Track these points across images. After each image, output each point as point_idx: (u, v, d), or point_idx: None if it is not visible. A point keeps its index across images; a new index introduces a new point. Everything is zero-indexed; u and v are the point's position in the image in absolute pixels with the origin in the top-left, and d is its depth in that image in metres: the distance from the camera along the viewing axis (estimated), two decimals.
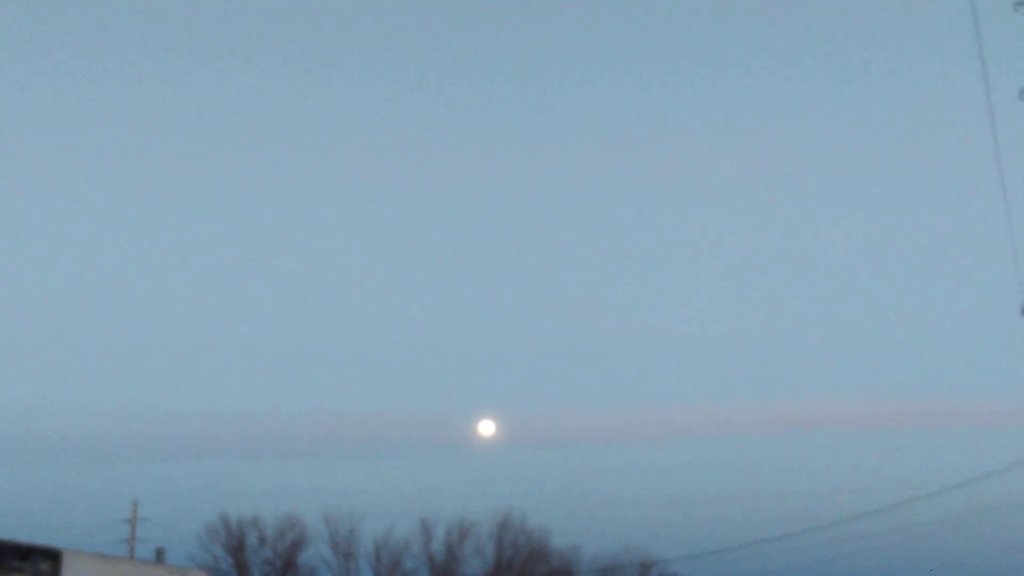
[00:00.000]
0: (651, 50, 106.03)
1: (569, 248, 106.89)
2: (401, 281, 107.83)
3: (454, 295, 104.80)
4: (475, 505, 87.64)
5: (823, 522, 74.33)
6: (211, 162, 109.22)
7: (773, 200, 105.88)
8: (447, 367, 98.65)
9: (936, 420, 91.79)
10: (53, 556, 40.91)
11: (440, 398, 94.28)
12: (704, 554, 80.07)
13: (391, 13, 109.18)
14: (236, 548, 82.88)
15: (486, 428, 78.86)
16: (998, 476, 67.39)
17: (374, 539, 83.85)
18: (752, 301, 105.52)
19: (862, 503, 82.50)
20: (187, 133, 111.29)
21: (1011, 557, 71.99)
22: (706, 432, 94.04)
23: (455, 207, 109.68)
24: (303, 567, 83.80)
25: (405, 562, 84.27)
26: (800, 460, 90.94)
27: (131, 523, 72.45)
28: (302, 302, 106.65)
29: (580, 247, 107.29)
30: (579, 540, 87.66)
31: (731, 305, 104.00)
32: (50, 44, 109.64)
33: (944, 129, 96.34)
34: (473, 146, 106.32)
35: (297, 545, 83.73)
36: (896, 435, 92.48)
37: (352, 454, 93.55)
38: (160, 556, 68.07)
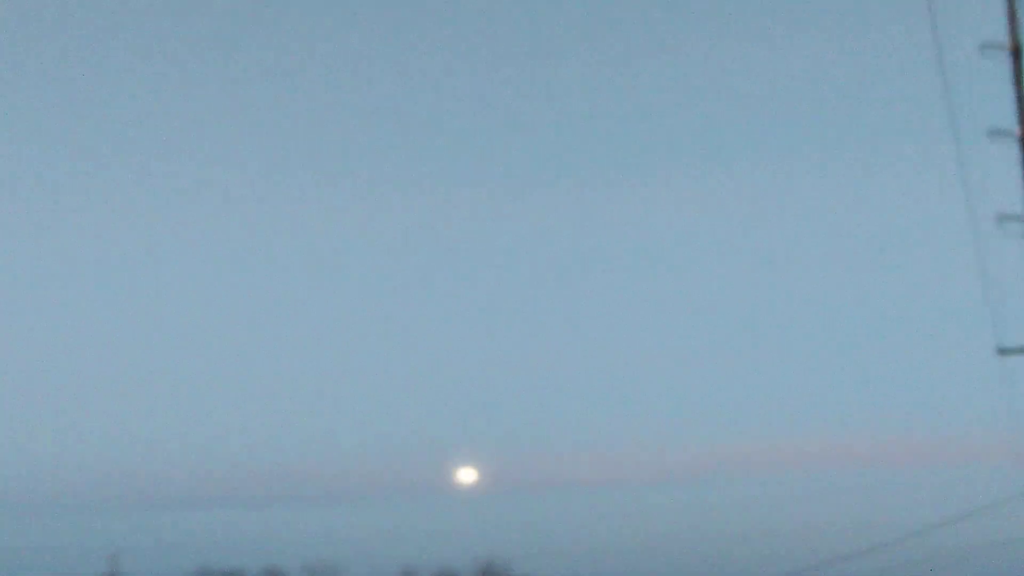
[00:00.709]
0: (627, 89, 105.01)
1: (549, 293, 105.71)
2: (379, 327, 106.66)
3: (433, 340, 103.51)
4: (458, 553, 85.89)
5: (824, 559, 72.00)
6: (196, 217, 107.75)
7: (751, 241, 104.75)
8: (426, 411, 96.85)
9: (949, 456, 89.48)
10: None
11: (420, 443, 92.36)
12: None
13: (388, 43, 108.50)
14: None
15: (467, 474, 77.06)
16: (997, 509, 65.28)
17: None
18: (747, 337, 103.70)
19: (866, 541, 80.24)
20: (169, 176, 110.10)
21: None
22: (702, 472, 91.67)
23: (435, 251, 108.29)
24: None
25: None
26: (805, 499, 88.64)
27: None
28: (278, 348, 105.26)
29: (560, 289, 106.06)
30: None
31: (727, 341, 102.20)
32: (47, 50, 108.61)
33: (913, 176, 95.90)
34: (451, 191, 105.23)
35: None
36: (905, 473, 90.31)
37: (332, 502, 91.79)
38: None
